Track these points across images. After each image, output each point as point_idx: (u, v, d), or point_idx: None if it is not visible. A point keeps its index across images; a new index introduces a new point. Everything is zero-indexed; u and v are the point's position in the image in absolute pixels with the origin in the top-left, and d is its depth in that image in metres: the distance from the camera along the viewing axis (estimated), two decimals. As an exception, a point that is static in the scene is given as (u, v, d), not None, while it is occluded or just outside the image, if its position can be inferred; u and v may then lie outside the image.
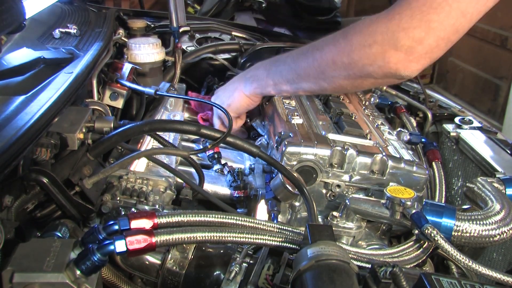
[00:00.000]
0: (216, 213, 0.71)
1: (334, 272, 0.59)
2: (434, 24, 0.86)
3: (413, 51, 0.89)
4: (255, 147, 0.89)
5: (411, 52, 0.89)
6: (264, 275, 0.73)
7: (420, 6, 0.87)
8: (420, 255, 0.83)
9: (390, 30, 0.89)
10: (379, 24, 0.92)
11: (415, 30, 0.87)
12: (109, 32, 1.31)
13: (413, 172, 0.95)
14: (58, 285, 0.58)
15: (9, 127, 0.72)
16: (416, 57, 0.89)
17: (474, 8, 0.86)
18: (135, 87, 1.25)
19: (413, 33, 0.88)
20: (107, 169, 0.83)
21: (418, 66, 0.91)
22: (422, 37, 0.87)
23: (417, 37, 0.88)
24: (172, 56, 1.49)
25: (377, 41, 0.91)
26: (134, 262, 0.81)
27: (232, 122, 0.90)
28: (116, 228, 0.65)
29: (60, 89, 0.87)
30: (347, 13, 4.18)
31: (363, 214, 0.89)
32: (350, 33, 0.97)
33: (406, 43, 0.88)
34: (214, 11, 2.77)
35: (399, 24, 0.88)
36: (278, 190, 0.93)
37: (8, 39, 1.11)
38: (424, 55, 0.89)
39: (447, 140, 1.28)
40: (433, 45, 0.88)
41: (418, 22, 0.87)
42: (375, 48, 0.91)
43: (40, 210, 0.79)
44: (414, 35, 0.88)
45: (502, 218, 0.76)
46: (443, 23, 0.86)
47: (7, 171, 0.67)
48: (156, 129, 0.89)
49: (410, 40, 0.88)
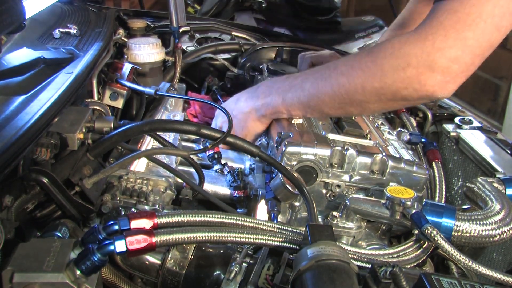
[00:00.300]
0: (216, 213, 0.71)
1: (334, 272, 0.59)
2: (470, 41, 0.84)
3: (450, 71, 0.86)
4: (255, 147, 0.89)
5: (448, 72, 0.86)
6: (264, 275, 0.73)
7: (453, 24, 0.84)
8: (420, 255, 0.83)
9: (424, 52, 0.86)
10: (411, 46, 0.88)
11: (451, 50, 0.85)
12: (109, 32, 1.31)
13: (413, 172, 0.95)
14: (58, 285, 0.58)
15: (9, 127, 0.72)
16: (453, 77, 0.87)
17: (508, 21, 0.85)
18: (135, 87, 1.25)
19: (449, 53, 0.85)
20: (107, 169, 0.83)
21: (454, 86, 0.89)
22: (458, 56, 0.85)
23: (454, 56, 0.85)
24: (172, 56, 1.49)
25: (412, 64, 0.88)
26: (134, 262, 0.81)
27: (232, 122, 0.90)
28: (116, 228, 0.65)
29: (60, 89, 0.87)
30: (347, 13, 4.19)
31: (363, 214, 0.89)
32: (380, 57, 0.93)
33: (442, 63, 0.86)
34: (214, 11, 2.78)
35: (434, 44, 0.86)
36: (278, 190, 0.93)
37: (8, 39, 1.11)
38: (461, 74, 0.87)
39: (447, 140, 1.28)
40: (469, 63, 0.86)
41: (454, 41, 0.85)
42: (409, 71, 0.88)
43: (40, 210, 0.79)
44: (451, 54, 0.85)
45: (502, 218, 0.76)
46: (479, 40, 0.84)
47: (7, 171, 0.67)
48: (156, 129, 0.89)
49: (446, 60, 0.85)
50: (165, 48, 1.48)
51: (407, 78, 0.89)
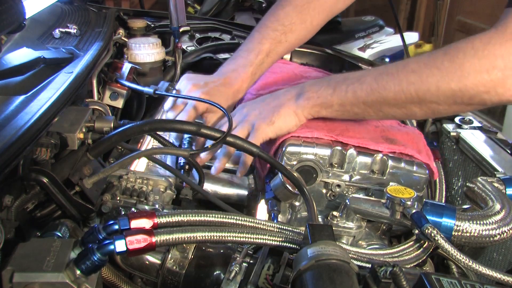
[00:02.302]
0: (216, 213, 0.71)
1: (334, 272, 0.59)
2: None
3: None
4: (255, 147, 0.89)
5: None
6: (264, 275, 0.73)
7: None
8: (420, 255, 0.83)
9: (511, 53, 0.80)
10: (496, 46, 0.81)
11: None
12: (109, 32, 1.31)
13: (413, 172, 0.95)
14: (58, 285, 0.58)
15: (9, 127, 0.72)
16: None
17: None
18: (134, 87, 1.25)
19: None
20: (107, 169, 0.83)
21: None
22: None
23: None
24: (172, 56, 1.49)
25: (498, 66, 0.80)
26: (134, 262, 0.81)
27: (232, 121, 0.89)
28: (116, 228, 0.65)
29: (60, 89, 0.87)
30: (347, 13, 4.18)
31: (363, 214, 0.89)
32: (459, 56, 0.84)
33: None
34: (214, 11, 2.78)
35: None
36: (278, 190, 0.93)
37: (8, 39, 1.11)
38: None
39: (447, 140, 1.28)
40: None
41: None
42: (494, 74, 0.81)
43: (40, 210, 0.78)
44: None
45: (502, 218, 0.76)
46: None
47: (7, 171, 0.67)
48: (156, 129, 0.89)
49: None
50: (165, 48, 1.47)
51: (491, 81, 0.81)
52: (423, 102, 0.89)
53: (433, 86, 0.86)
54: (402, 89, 0.89)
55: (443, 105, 0.88)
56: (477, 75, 0.82)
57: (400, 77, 0.89)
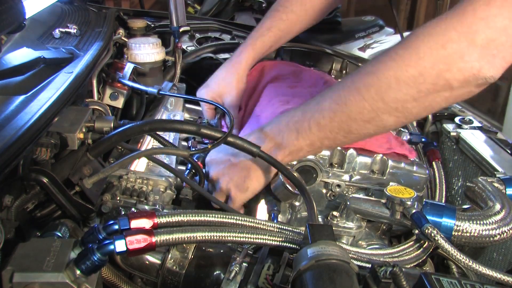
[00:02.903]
0: (216, 212, 0.71)
1: (334, 272, 0.59)
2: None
3: (496, 43, 0.74)
4: (255, 147, 0.89)
5: (494, 45, 0.74)
6: (264, 275, 0.73)
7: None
8: (420, 255, 0.83)
9: (465, 24, 0.75)
10: (449, 21, 0.77)
11: (496, 18, 0.73)
12: (109, 32, 1.31)
13: (413, 172, 0.95)
14: (58, 285, 0.58)
15: (9, 127, 0.72)
16: (500, 50, 0.75)
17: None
18: (138, 87, 1.25)
19: (494, 22, 0.73)
20: (107, 169, 0.83)
21: (503, 62, 0.76)
22: (506, 25, 0.73)
23: (500, 26, 0.73)
24: (172, 56, 1.49)
25: (452, 39, 0.75)
26: (134, 262, 0.81)
27: (233, 121, 0.89)
28: (116, 227, 0.65)
29: (60, 89, 0.87)
30: (347, 13, 4.19)
31: (363, 214, 0.90)
32: (412, 40, 0.80)
33: (486, 34, 0.74)
34: (214, 11, 2.78)
35: (475, 14, 0.74)
36: (278, 190, 0.93)
37: (8, 39, 1.11)
38: (509, 48, 0.75)
39: (447, 140, 1.28)
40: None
41: (498, 9, 0.73)
42: (450, 47, 0.75)
43: (40, 210, 0.78)
44: (496, 24, 0.73)
45: (502, 218, 0.76)
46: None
47: (7, 171, 0.67)
48: (156, 129, 0.89)
49: (491, 31, 0.74)
50: (165, 48, 1.47)
51: (449, 56, 0.76)
52: (388, 104, 0.81)
53: (392, 80, 0.79)
54: (363, 96, 0.82)
55: (411, 102, 0.80)
56: (432, 52, 0.77)
57: (357, 84, 0.83)
